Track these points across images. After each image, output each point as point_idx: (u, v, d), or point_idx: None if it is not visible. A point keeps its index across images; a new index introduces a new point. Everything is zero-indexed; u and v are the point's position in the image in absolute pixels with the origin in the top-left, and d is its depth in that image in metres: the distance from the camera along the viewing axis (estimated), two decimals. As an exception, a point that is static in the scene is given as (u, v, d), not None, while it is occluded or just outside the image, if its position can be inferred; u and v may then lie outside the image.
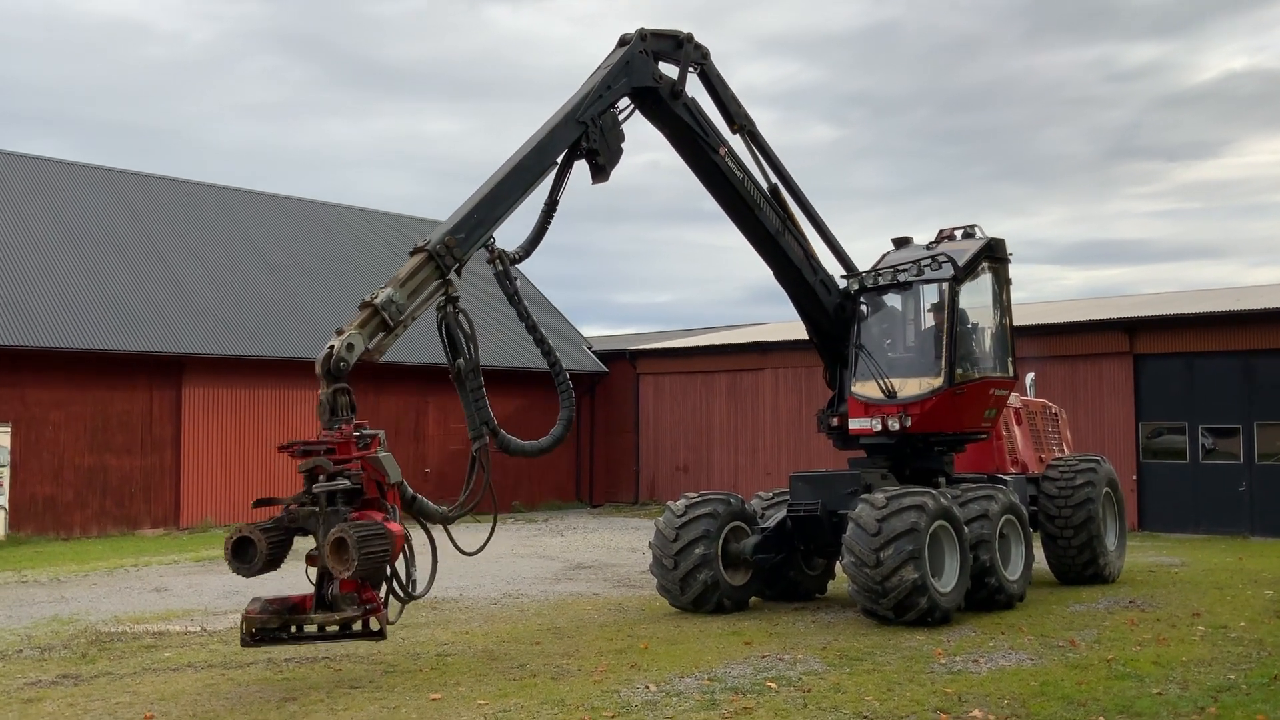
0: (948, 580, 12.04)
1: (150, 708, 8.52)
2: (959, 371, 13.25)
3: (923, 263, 13.37)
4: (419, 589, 9.34)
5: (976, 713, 8.20)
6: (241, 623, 8.70)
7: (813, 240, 13.77)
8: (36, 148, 50.31)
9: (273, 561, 8.64)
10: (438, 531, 9.66)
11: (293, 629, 8.77)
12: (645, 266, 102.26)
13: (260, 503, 9.12)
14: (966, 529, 12.30)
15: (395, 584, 9.09)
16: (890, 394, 13.22)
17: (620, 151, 11.38)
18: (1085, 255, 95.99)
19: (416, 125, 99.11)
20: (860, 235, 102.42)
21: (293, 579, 11.01)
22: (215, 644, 11.36)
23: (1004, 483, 14.02)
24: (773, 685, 9.10)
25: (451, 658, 10.48)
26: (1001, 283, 14.25)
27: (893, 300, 14.06)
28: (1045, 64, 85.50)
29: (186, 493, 25.93)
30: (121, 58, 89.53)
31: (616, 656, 10.43)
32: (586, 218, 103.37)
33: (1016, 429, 15.57)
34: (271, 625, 8.63)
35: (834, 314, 13.90)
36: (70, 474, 24.51)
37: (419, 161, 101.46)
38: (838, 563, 13.79)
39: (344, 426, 8.79)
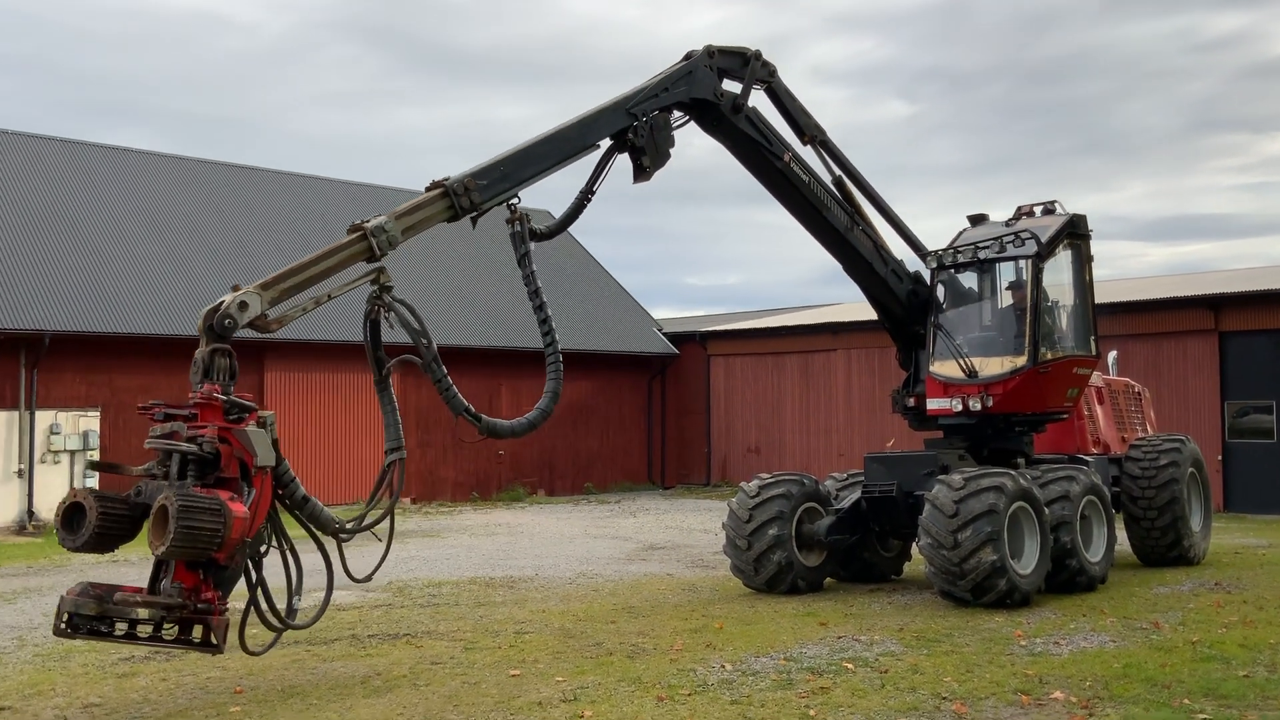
0: (1027, 562, 11.87)
1: (239, 682, 8.78)
2: (1042, 350, 13.03)
3: (1005, 239, 13.15)
4: (297, 618, 8.36)
5: (1058, 694, 8.10)
6: (56, 607, 7.35)
7: (882, 229, 13.59)
8: (120, 138, 51.58)
9: (106, 537, 7.32)
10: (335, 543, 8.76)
11: (114, 622, 7.28)
12: (715, 248, 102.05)
13: (96, 466, 8.44)
14: (1047, 510, 12.11)
15: (264, 599, 8.06)
16: (971, 373, 13.04)
17: (668, 156, 11.11)
18: (1168, 231, 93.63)
19: (487, 111, 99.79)
20: (935, 213, 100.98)
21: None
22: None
23: (1085, 463, 13.78)
24: (849, 666, 9.08)
25: (529, 635, 10.62)
26: (1083, 260, 13.96)
27: (971, 279, 13.86)
28: (1125, 35, 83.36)
29: (269, 475, 26.56)
30: (200, 49, 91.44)
31: (691, 636, 10.48)
32: (657, 200, 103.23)
33: (1098, 408, 15.26)
34: (86, 611, 7.16)
35: (906, 300, 13.75)
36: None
37: (490, 148, 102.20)
38: (914, 545, 13.67)
39: (211, 387, 7.61)
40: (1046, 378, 13.13)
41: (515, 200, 9.92)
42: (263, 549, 8.08)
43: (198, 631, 7.42)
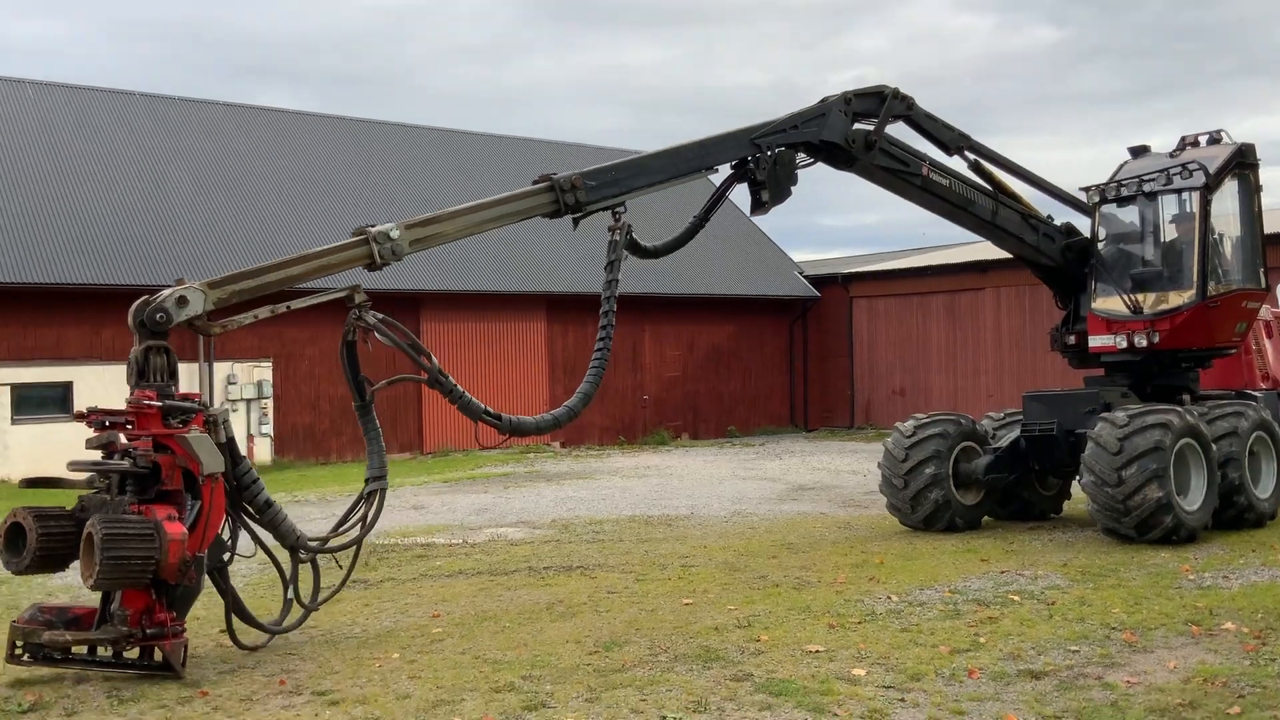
0: (1193, 499, 11.75)
1: (435, 608, 9.47)
2: (1211, 284, 12.74)
3: (1170, 171, 12.85)
4: (285, 620, 8.00)
5: (1229, 625, 8.13)
6: (8, 633, 7.07)
7: (1026, 194, 13.42)
8: (268, 99, 53.68)
9: (50, 558, 6.92)
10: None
11: (67, 650, 7.03)
12: (851, 188, 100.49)
13: (29, 483, 7.38)
14: (1214, 447, 11.93)
15: (234, 603, 7.66)
16: (1136, 309, 12.85)
17: (788, 194, 10.94)
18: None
19: (618, 57, 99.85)
20: (1084, 143, 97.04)
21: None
22: (478, 554, 12.36)
23: (1254, 399, 13.44)
24: (1015, 598, 9.25)
25: (695, 569, 11.08)
26: (1251, 190, 13.52)
27: (1133, 213, 13.58)
28: (1293, -54, 77.88)
29: (428, 421, 27.77)
30: (340, 8, 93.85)
31: (853, 570, 10.77)
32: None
33: (1267, 343, 14.80)
34: (37, 639, 6.94)
35: (1061, 255, 13.61)
36: (326, 404, 26.70)
37: (621, 94, 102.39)
38: (1074, 483, 13.61)
39: (145, 392, 7.10)
40: (1215, 312, 12.84)
41: (621, 209, 9.83)
42: (225, 557, 7.55)
43: (158, 654, 7.02)
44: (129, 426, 7.10)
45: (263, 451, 25.78)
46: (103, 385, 23.79)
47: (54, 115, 27.50)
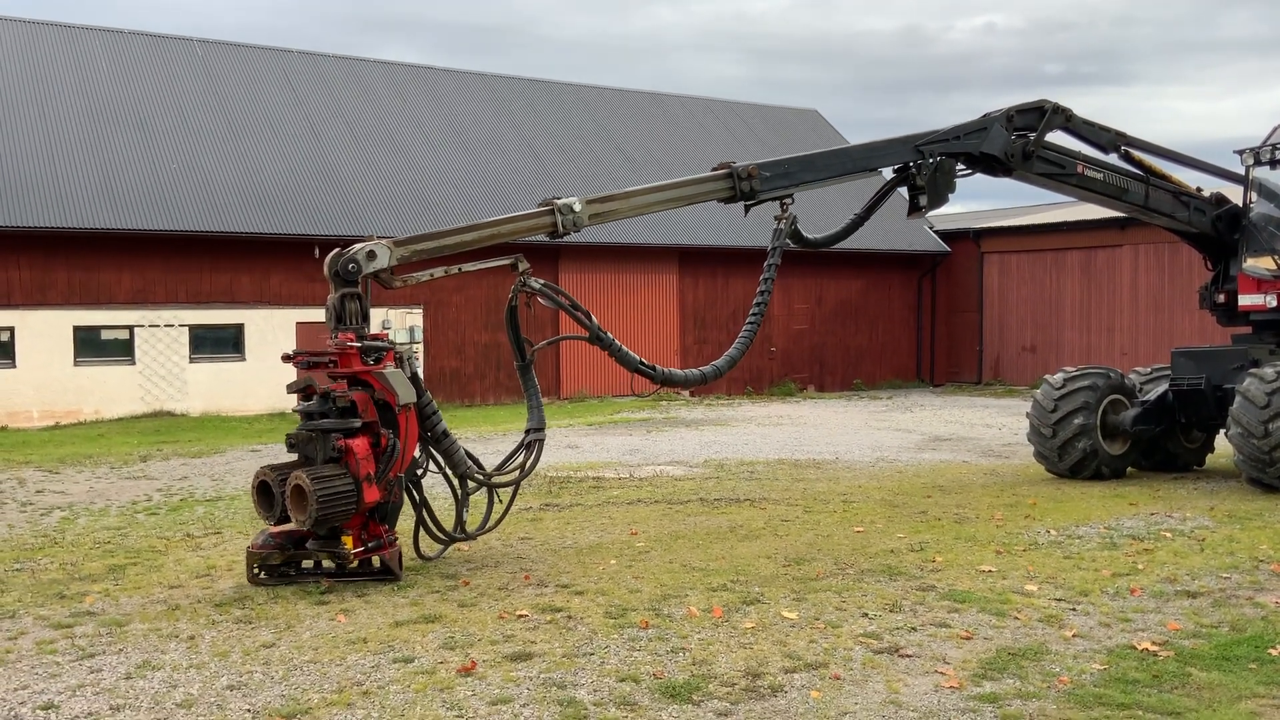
0: (1340, 452, 12.16)
1: (630, 527, 10.57)
2: (1363, 245, 13.04)
3: (1328, 133, 13.13)
4: (466, 529, 8.99)
5: (1380, 566, 8.71)
6: (246, 559, 8.15)
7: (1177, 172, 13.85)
8: (390, 53, 55.21)
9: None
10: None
11: (300, 564, 8.16)
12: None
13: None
14: (1359, 403, 12.29)
15: (429, 518, 8.64)
16: (1287, 269, 13.23)
17: (945, 200, 11.61)
18: None
19: (740, 5, 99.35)
20: (1228, 93, 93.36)
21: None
22: (648, 487, 13.45)
23: (1399, 358, 13.68)
24: (1167, 535, 9.94)
25: (856, 504, 11.97)
26: None
27: (1287, 175, 13.88)
28: None
29: (565, 368, 29.08)
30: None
31: (1008, 510, 11.54)
32: (916, 88, 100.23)
33: None
34: (273, 561, 8.02)
35: (1213, 225, 14.00)
36: (471, 350, 28.19)
37: (744, 40, 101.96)
38: (1219, 436, 14.07)
39: (346, 335, 8.01)
40: (1367, 273, 13.13)
41: (789, 200, 10.60)
42: (419, 472, 8.62)
43: (376, 561, 8.09)
44: (333, 366, 8.03)
45: (414, 393, 27.37)
46: (270, 328, 25.65)
47: (220, 72, 29.31)
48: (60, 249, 23.26)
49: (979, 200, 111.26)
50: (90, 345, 23.79)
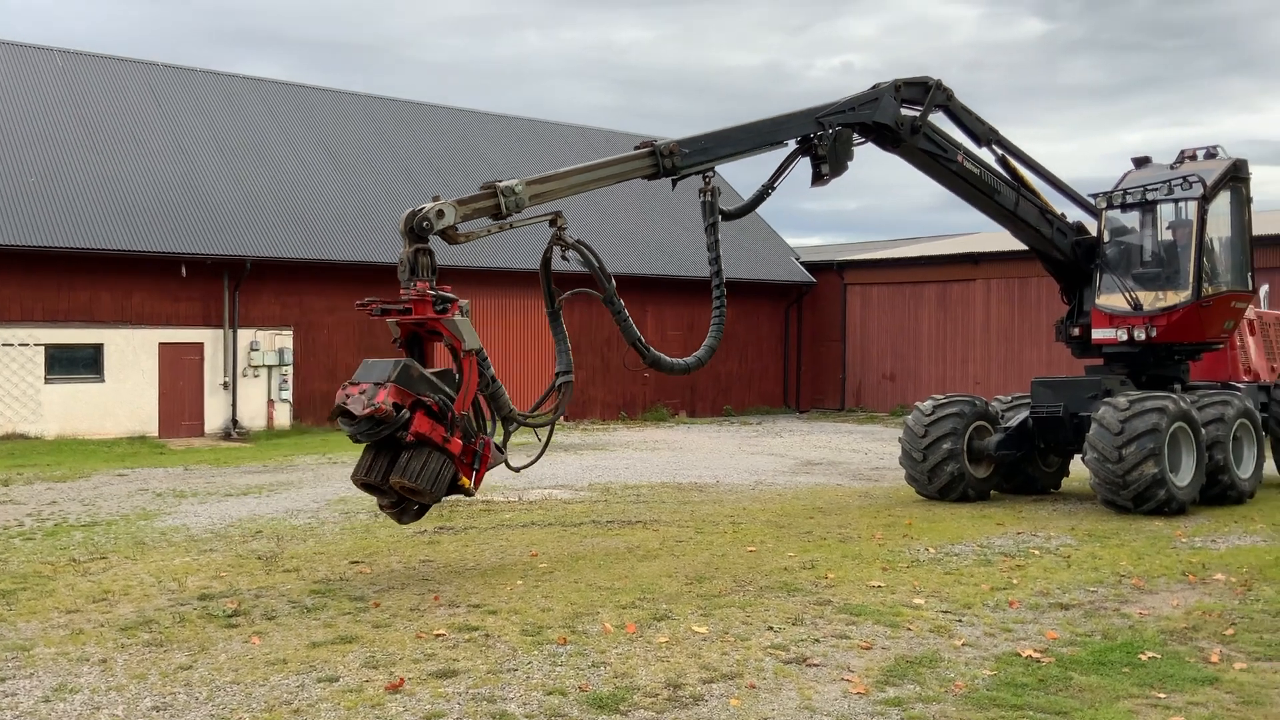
0: (1184, 476, 13.20)
1: (529, 549, 10.72)
2: (1204, 286, 14.20)
3: (1172, 182, 14.27)
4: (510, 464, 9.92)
5: (1219, 575, 9.55)
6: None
7: (1047, 194, 14.85)
8: (254, 69, 54.25)
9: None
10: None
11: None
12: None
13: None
14: (1204, 431, 13.38)
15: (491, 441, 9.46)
16: (1136, 306, 14.29)
17: (845, 168, 12.47)
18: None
19: (608, 34, 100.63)
20: (1068, 136, 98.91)
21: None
22: (538, 510, 13.61)
23: (1237, 390, 14.93)
24: (1035, 552, 10.65)
25: (744, 525, 12.39)
26: (1242, 201, 14.98)
27: (1135, 218, 15.00)
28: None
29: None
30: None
31: (886, 529, 12.13)
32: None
33: (1250, 339, 16.30)
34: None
35: (1071, 250, 15.05)
36: (343, 373, 27.65)
37: (612, 70, 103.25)
38: (1073, 460, 15.05)
39: (419, 284, 8.77)
40: (1207, 311, 14.31)
41: (710, 173, 11.28)
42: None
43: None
44: (406, 314, 8.78)
45: (282, 417, 26.79)
46: (131, 348, 24.77)
47: (81, 83, 28.27)
48: (-94, 261, 22.06)
49: (844, 233, 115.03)
50: (-63, 363, 22.56)
